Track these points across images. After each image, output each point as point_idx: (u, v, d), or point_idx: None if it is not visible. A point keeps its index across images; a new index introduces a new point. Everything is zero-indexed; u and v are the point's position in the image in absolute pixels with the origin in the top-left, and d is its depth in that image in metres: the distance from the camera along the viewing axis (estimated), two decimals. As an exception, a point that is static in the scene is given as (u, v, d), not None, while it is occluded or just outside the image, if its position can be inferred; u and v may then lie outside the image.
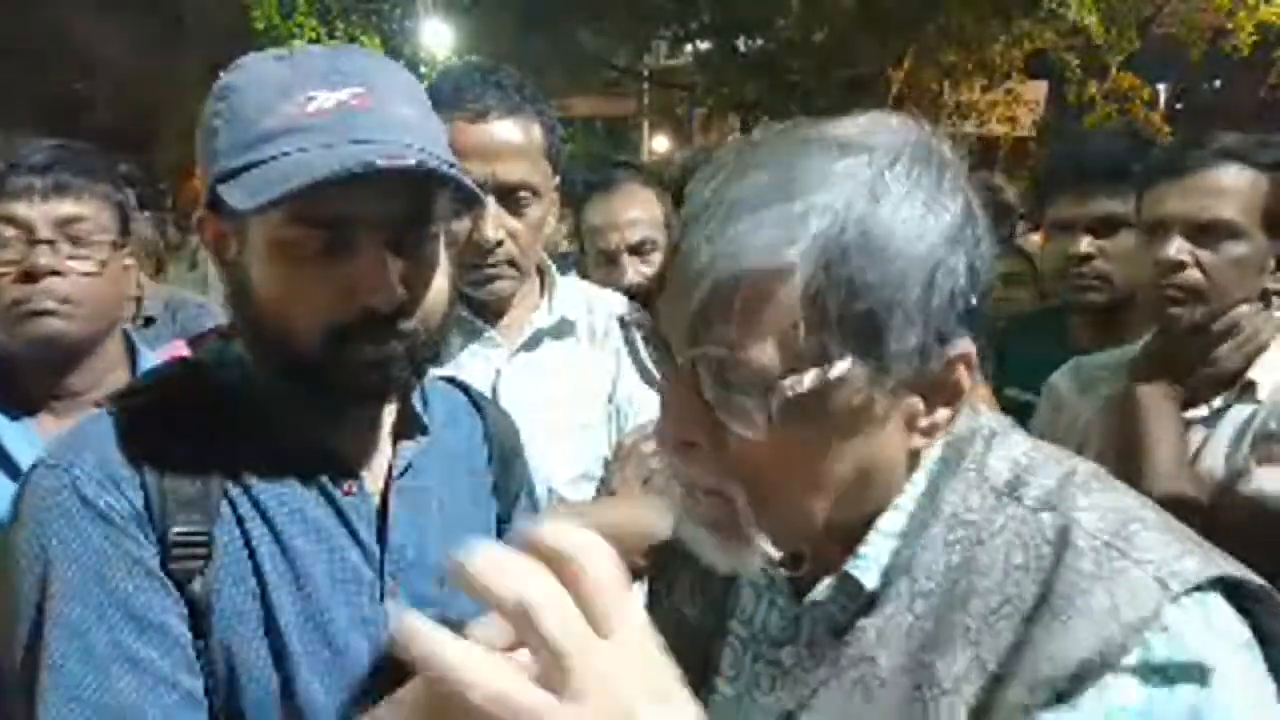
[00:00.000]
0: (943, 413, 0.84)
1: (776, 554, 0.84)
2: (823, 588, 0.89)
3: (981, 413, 0.93)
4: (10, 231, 1.59)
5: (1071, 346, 2.30)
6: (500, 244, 1.66)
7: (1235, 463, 1.73)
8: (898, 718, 0.82)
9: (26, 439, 1.59)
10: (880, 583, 0.86)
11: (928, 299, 0.79)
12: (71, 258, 1.61)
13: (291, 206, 0.96)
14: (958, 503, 0.86)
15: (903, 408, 0.83)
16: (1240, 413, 1.76)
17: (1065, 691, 0.75)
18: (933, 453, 0.89)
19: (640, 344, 1.01)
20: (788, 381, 0.78)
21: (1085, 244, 2.24)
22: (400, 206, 1.02)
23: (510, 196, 1.65)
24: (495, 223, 1.64)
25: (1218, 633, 0.76)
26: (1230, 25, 12.09)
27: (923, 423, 0.84)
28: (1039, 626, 0.77)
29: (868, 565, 0.87)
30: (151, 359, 1.77)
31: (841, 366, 0.78)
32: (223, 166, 1.02)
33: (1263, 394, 1.75)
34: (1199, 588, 0.76)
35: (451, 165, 1.04)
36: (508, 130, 1.65)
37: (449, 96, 1.60)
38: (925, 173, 0.80)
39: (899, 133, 0.82)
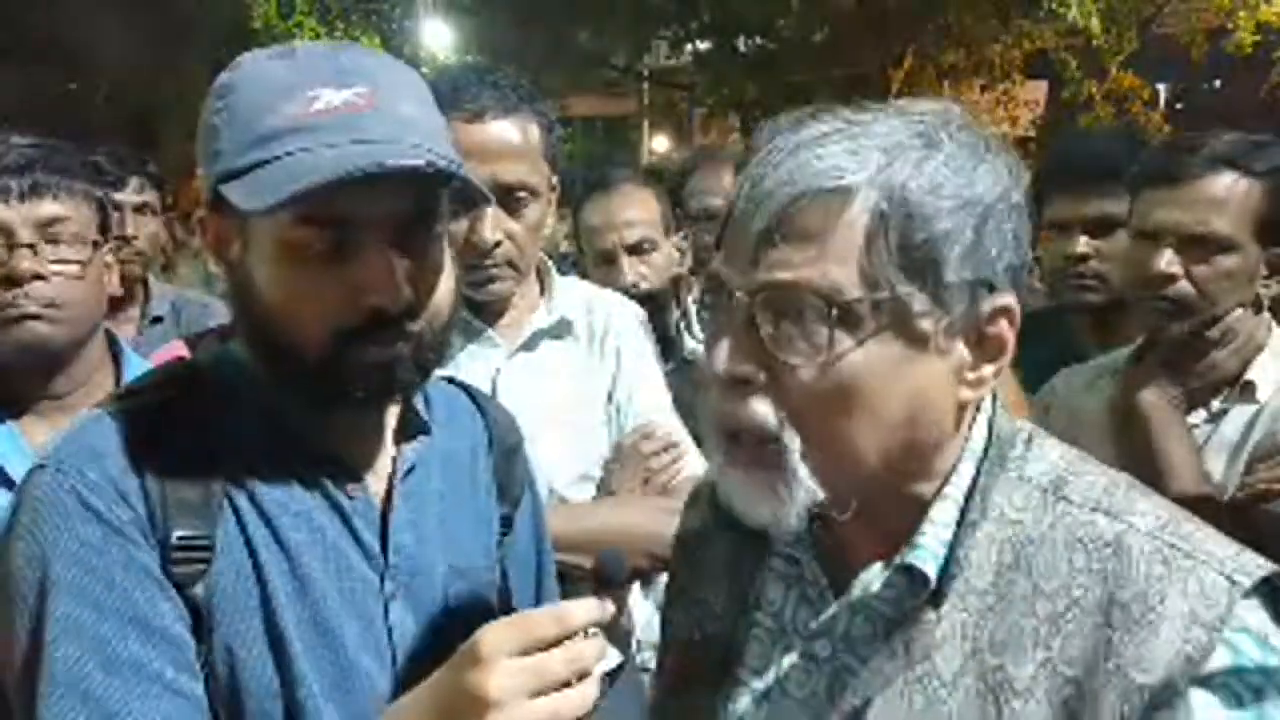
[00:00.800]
0: (988, 368, 0.87)
1: (822, 495, 0.84)
2: (873, 578, 0.88)
3: (1018, 419, 0.95)
4: None
5: (1074, 346, 2.30)
6: (498, 245, 1.65)
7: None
8: (969, 718, 0.83)
9: (11, 443, 1.57)
10: (938, 578, 0.87)
11: (978, 241, 0.83)
12: (54, 260, 1.58)
13: (297, 207, 0.96)
14: (1004, 502, 0.88)
15: (953, 354, 0.85)
16: (1242, 414, 1.76)
17: (1158, 700, 0.77)
18: (976, 443, 0.90)
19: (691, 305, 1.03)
20: (851, 305, 0.81)
21: (1082, 244, 2.24)
22: (406, 207, 1.02)
23: (508, 197, 1.65)
24: (493, 224, 1.63)
25: (1275, 629, 0.80)
26: (1230, 25, 12.07)
27: (970, 375, 0.86)
28: (1118, 630, 0.80)
29: (925, 555, 0.87)
30: (136, 358, 1.75)
31: (903, 291, 0.81)
32: (226, 166, 1.01)
33: (1262, 394, 1.75)
34: (1264, 579, 0.80)
35: (458, 164, 1.03)
36: (505, 131, 1.65)
37: (447, 97, 1.58)
38: (972, 135, 0.86)
39: (944, 105, 0.89)
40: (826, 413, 0.83)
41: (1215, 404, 1.79)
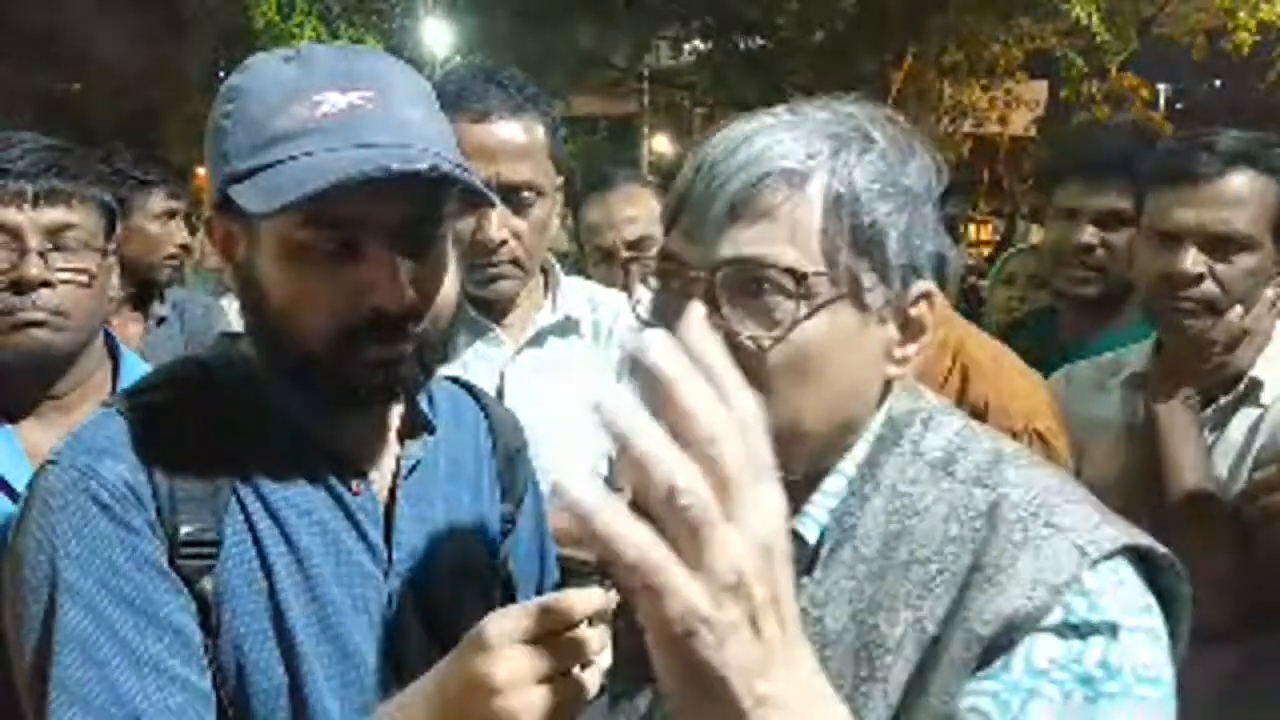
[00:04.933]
0: (911, 347, 0.94)
1: (777, 462, 0.85)
2: None
3: (924, 395, 1.00)
4: None
5: (1061, 339, 2.29)
6: (504, 243, 1.66)
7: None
8: (846, 674, 0.88)
9: (9, 446, 1.57)
10: (823, 543, 0.93)
11: (910, 229, 0.91)
12: (61, 268, 1.57)
13: (303, 210, 0.97)
14: (896, 476, 0.94)
15: (887, 332, 0.92)
16: (1247, 417, 1.76)
17: (996, 646, 0.82)
18: (875, 422, 0.96)
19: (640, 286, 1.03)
20: (810, 277, 0.86)
21: (1089, 234, 2.23)
22: (410, 209, 1.03)
23: (514, 196, 1.66)
24: (499, 222, 1.64)
25: (1125, 595, 0.84)
26: (1230, 25, 12.07)
27: (897, 353, 0.94)
28: (972, 590, 0.85)
29: (808, 523, 0.94)
30: (134, 359, 1.75)
31: (856, 266, 0.88)
32: (234, 168, 1.02)
33: (1268, 393, 1.75)
34: (1112, 555, 0.85)
35: (462, 168, 1.04)
36: (511, 131, 1.66)
37: (452, 98, 1.60)
38: (899, 132, 0.94)
39: (867, 103, 0.96)
40: (784, 384, 0.87)
41: (1221, 400, 1.78)
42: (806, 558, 0.93)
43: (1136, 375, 1.89)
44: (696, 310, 0.79)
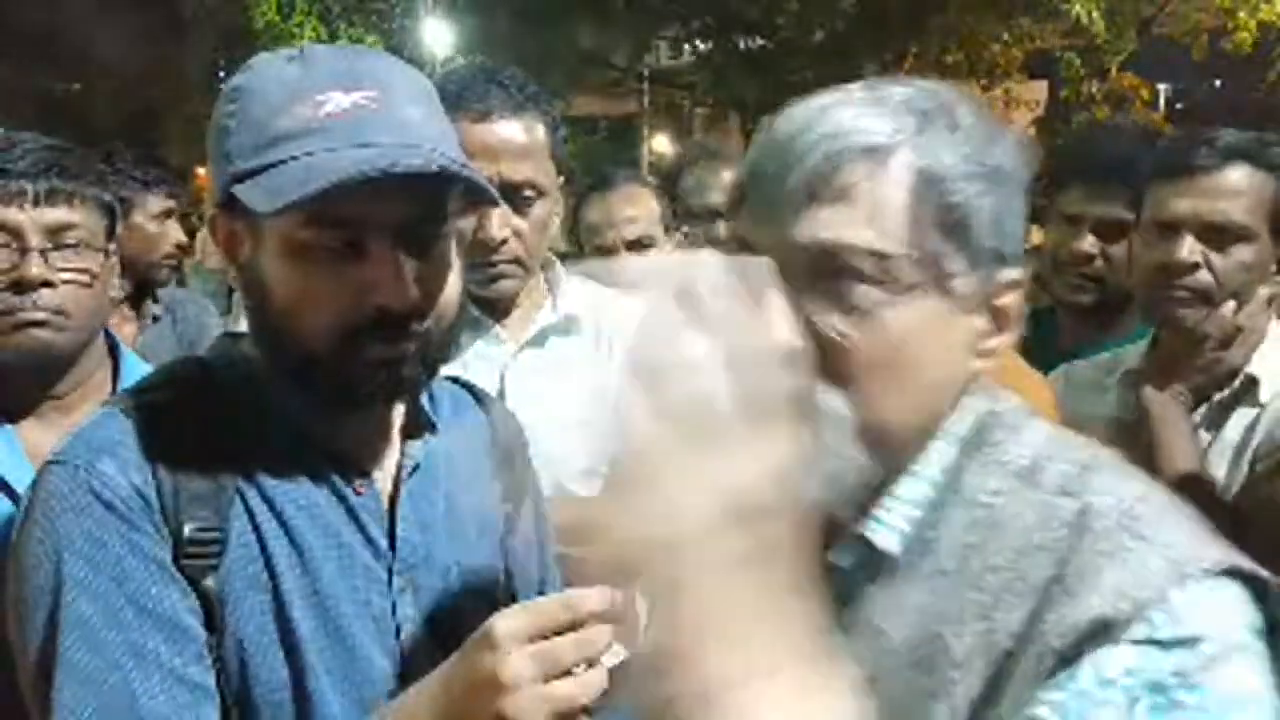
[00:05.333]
0: (998, 339, 0.87)
1: (851, 460, 0.82)
2: (845, 552, 0.87)
3: (1002, 395, 0.93)
4: (0, 237, 1.56)
5: (1059, 344, 2.29)
6: (505, 242, 1.66)
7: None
8: (905, 688, 0.82)
9: (9, 447, 1.57)
10: (902, 554, 0.85)
11: (998, 211, 0.83)
12: (63, 267, 1.57)
13: (308, 209, 0.97)
14: (977, 485, 0.86)
15: (971, 325, 0.85)
16: (1244, 417, 1.76)
17: (1068, 657, 0.75)
18: (959, 424, 0.89)
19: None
20: (895, 262, 0.80)
21: (1089, 243, 2.22)
22: (414, 208, 1.03)
23: (515, 195, 1.66)
24: (501, 221, 1.64)
25: (1223, 616, 0.76)
26: (1230, 25, 12.07)
27: (982, 345, 0.87)
28: (1050, 601, 0.78)
29: (888, 530, 0.86)
30: (134, 359, 1.75)
31: (943, 249, 0.81)
32: (237, 167, 1.02)
33: (1265, 390, 1.74)
34: (1211, 574, 0.76)
35: (466, 167, 1.05)
36: (512, 130, 1.66)
37: (453, 97, 1.60)
38: (981, 109, 0.87)
39: (944, 86, 0.89)
40: (869, 378, 0.81)
41: (1217, 397, 1.79)
42: (875, 566, 0.87)
43: (1132, 373, 1.89)
44: (775, 299, 0.75)
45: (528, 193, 1.68)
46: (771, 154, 0.83)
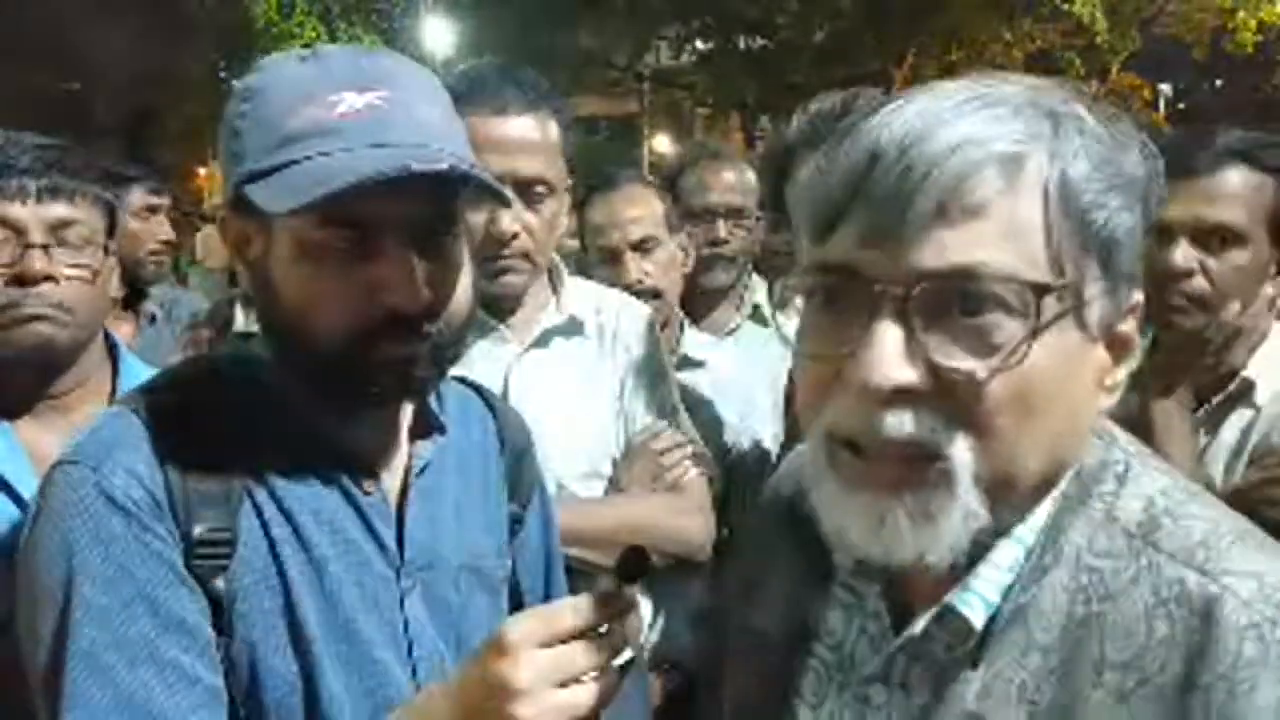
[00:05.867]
0: (1121, 371, 0.78)
1: (986, 517, 0.72)
2: (920, 622, 0.78)
3: (1119, 440, 0.82)
4: (1, 233, 1.56)
5: None
6: (515, 237, 1.67)
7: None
8: None
9: (7, 444, 1.57)
10: (989, 625, 0.77)
11: (1137, 225, 0.74)
12: (65, 263, 1.58)
13: (320, 208, 0.97)
14: (1082, 545, 0.76)
15: (1100, 357, 0.75)
16: (1240, 418, 1.75)
17: None
18: (1060, 484, 0.78)
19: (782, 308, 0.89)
20: (1037, 291, 0.69)
21: None
22: (426, 208, 1.03)
23: (527, 191, 1.67)
24: (512, 216, 1.65)
25: None
26: (1232, 25, 12.07)
27: (1108, 380, 0.77)
28: (1194, 713, 0.68)
29: (973, 600, 0.77)
30: (133, 360, 1.75)
31: (1086, 274, 0.71)
32: (249, 167, 1.02)
33: (1260, 393, 1.74)
34: None
35: (477, 166, 1.05)
36: (525, 126, 1.67)
37: (468, 93, 1.61)
38: (1103, 110, 0.76)
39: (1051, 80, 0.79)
40: (1004, 422, 0.70)
41: (1214, 400, 1.78)
42: (972, 645, 0.77)
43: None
44: (890, 335, 0.68)
45: (539, 189, 1.69)
46: (883, 165, 0.71)
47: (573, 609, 0.88)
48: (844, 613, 0.88)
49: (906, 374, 0.70)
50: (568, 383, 1.76)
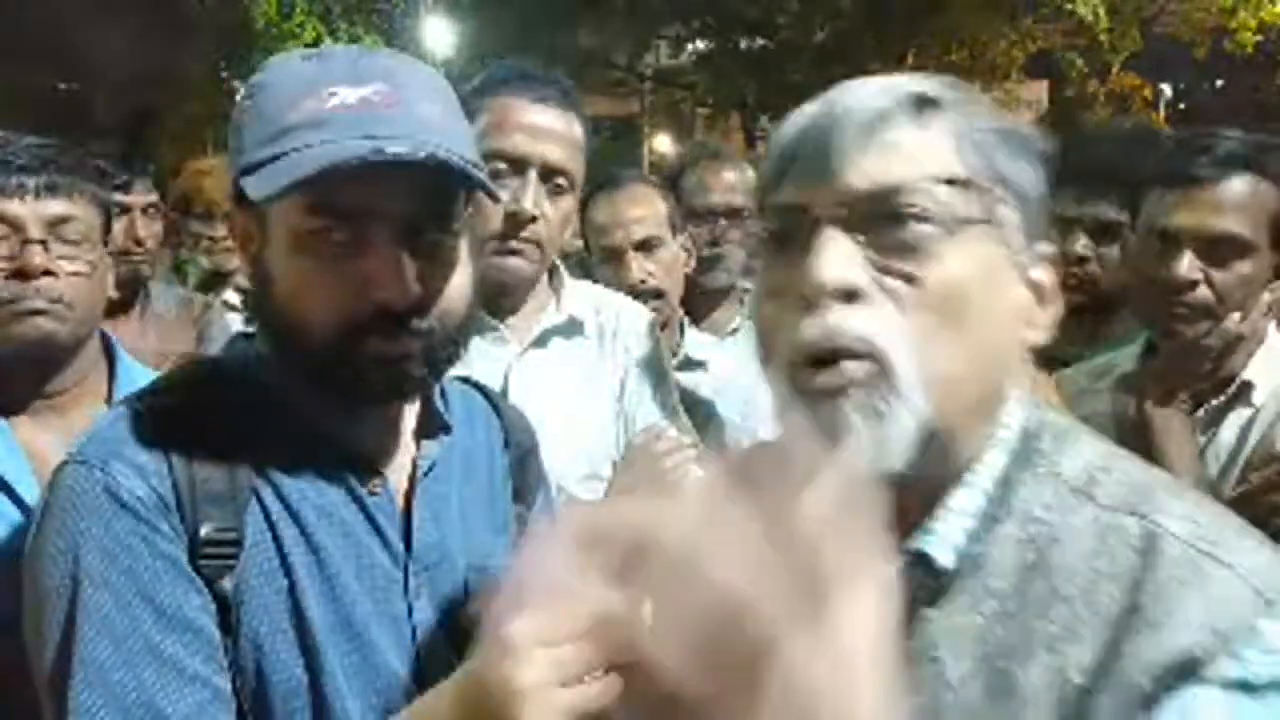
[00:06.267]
0: (1044, 313, 0.87)
1: (929, 413, 0.79)
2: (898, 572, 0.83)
3: (1048, 409, 0.91)
4: (0, 229, 1.57)
5: (1050, 348, 2.28)
6: (534, 220, 1.68)
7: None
8: None
9: (4, 443, 1.57)
10: (952, 570, 0.83)
11: (1034, 181, 0.85)
12: (63, 258, 1.59)
13: (308, 198, 0.98)
14: (1030, 499, 0.83)
15: (1022, 290, 0.85)
16: (1239, 418, 1.75)
17: (1150, 695, 0.73)
18: (1009, 431, 0.86)
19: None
20: (951, 202, 0.79)
21: (1081, 245, 2.22)
22: (417, 203, 1.03)
23: (551, 180, 1.70)
24: (535, 198, 1.67)
25: None
26: (1232, 25, 12.08)
27: (1029, 317, 0.86)
28: (1129, 635, 0.75)
29: (940, 543, 0.83)
30: (130, 361, 1.75)
31: (1002, 202, 0.82)
32: (246, 160, 1.03)
33: (1259, 395, 1.74)
34: None
35: (473, 164, 1.05)
36: (560, 119, 1.72)
37: (512, 78, 1.71)
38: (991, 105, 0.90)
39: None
40: (936, 324, 0.79)
41: (1213, 402, 1.78)
42: (932, 586, 0.83)
43: (1125, 376, 1.89)
44: (833, 243, 0.78)
45: (561, 180, 1.71)
46: (817, 119, 0.84)
47: (574, 608, 0.88)
48: None
49: (852, 273, 0.79)
50: (567, 383, 1.76)
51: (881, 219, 0.80)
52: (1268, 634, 0.73)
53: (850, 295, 0.79)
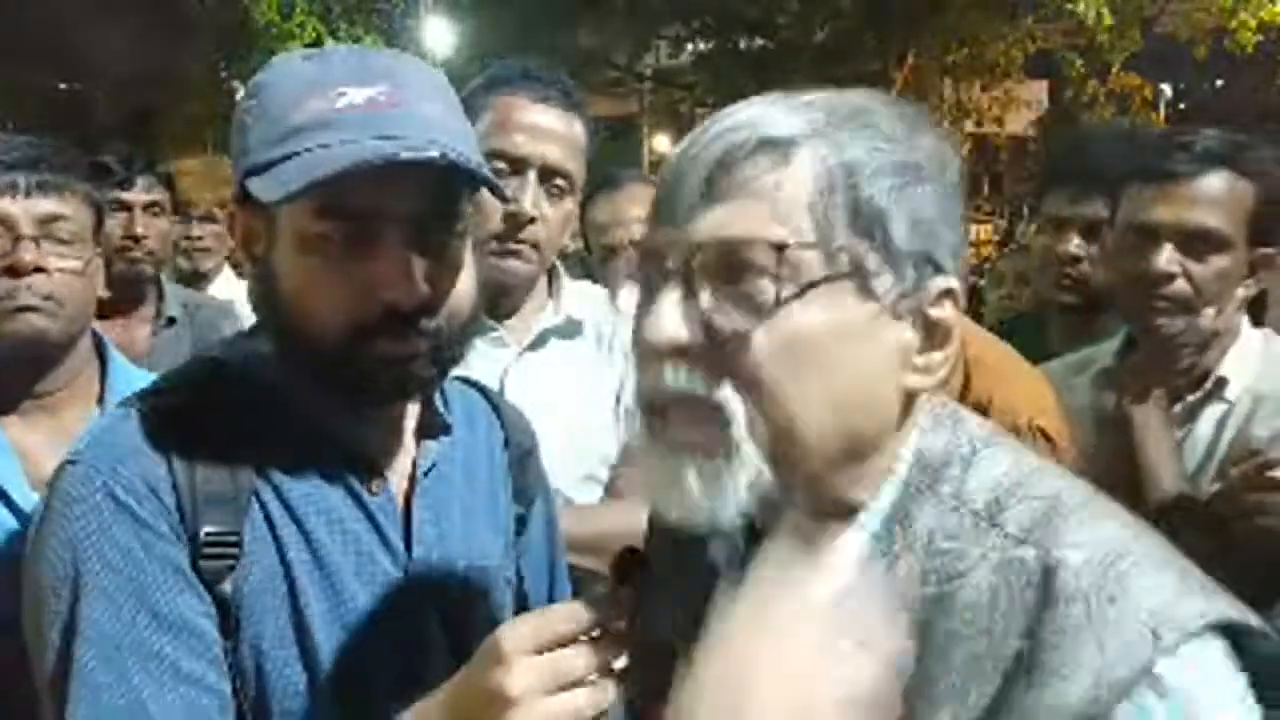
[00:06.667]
0: (937, 355, 0.81)
1: (767, 471, 0.77)
2: None
3: (966, 424, 0.88)
4: None
5: (1048, 347, 2.29)
6: (533, 221, 1.68)
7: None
8: None
9: None
10: None
11: (922, 211, 0.79)
12: (54, 256, 1.59)
13: (317, 200, 0.98)
14: (934, 528, 0.81)
15: (901, 331, 0.79)
16: (1214, 412, 1.76)
17: None
18: (901, 464, 0.83)
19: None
20: (799, 250, 0.75)
21: (1074, 245, 2.23)
22: (425, 204, 1.03)
23: (550, 180, 1.70)
24: (534, 199, 1.67)
25: (1214, 688, 0.73)
26: (1233, 25, 12.08)
27: (919, 360, 0.81)
28: (1020, 681, 0.73)
29: None
30: (122, 361, 1.75)
31: (856, 246, 0.76)
32: (253, 161, 1.03)
33: (1232, 390, 1.75)
34: (1193, 636, 0.72)
35: (478, 163, 1.05)
36: (562, 120, 1.72)
37: (516, 76, 1.71)
38: (905, 110, 0.83)
39: (870, 92, 0.85)
40: (774, 378, 0.76)
41: (1189, 398, 1.79)
42: None
43: (1104, 371, 1.90)
44: (668, 299, 0.76)
45: (560, 181, 1.71)
46: (676, 159, 0.81)
47: (566, 614, 0.87)
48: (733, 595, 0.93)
49: (680, 331, 0.77)
50: (565, 385, 1.76)
51: (720, 272, 0.77)
52: (1165, 676, 0.71)
53: (683, 351, 0.77)
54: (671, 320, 0.77)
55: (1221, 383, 1.76)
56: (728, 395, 0.76)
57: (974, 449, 0.85)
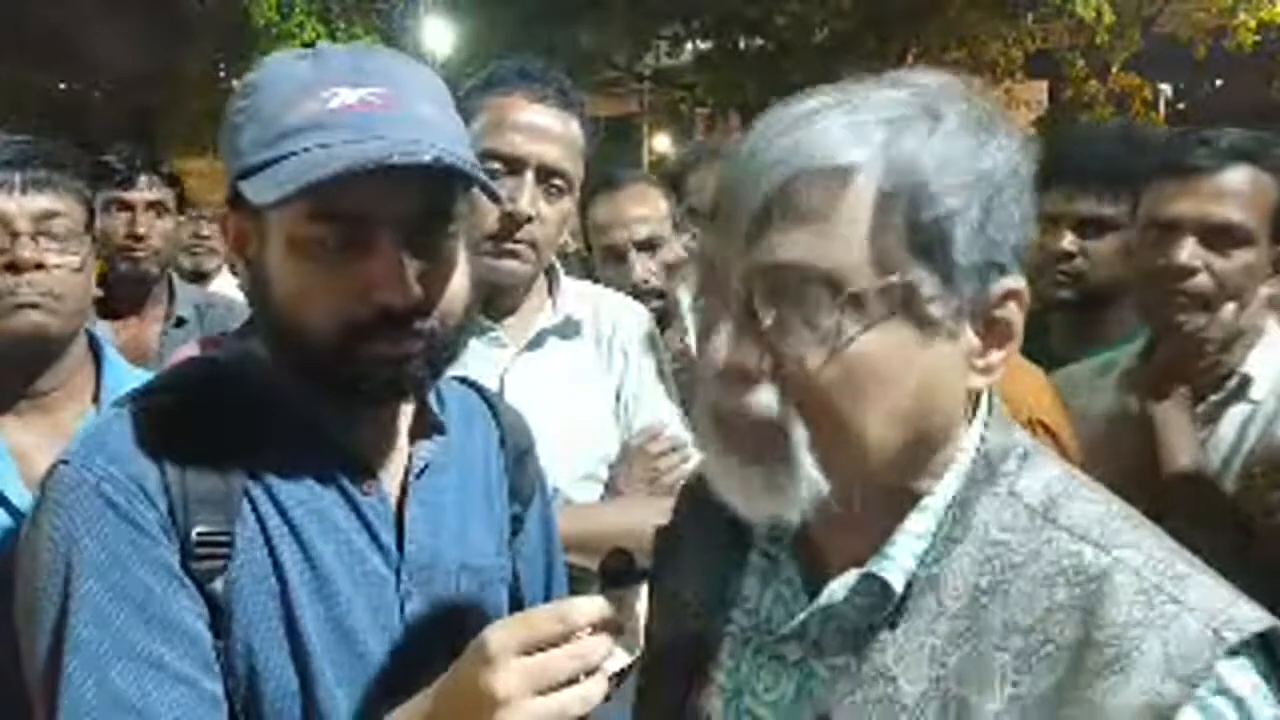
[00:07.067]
0: (996, 354, 0.83)
1: (826, 487, 0.80)
2: (840, 587, 0.85)
3: (1016, 429, 0.90)
4: None
5: (1049, 347, 2.29)
6: (530, 220, 1.68)
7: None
8: None
9: None
10: (905, 591, 0.83)
11: (987, 221, 0.79)
12: (50, 252, 1.60)
13: (310, 202, 0.97)
14: (989, 520, 0.83)
15: (963, 339, 0.81)
16: (1238, 413, 1.75)
17: None
18: (965, 454, 0.86)
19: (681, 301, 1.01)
20: (856, 287, 0.76)
21: (1068, 241, 2.22)
22: (418, 204, 1.03)
23: (548, 180, 1.69)
24: (532, 197, 1.67)
25: (1262, 693, 0.74)
26: (1233, 25, 12.08)
27: (979, 361, 0.83)
28: (1085, 675, 0.74)
29: (893, 566, 0.83)
30: (116, 360, 1.75)
31: (913, 274, 0.77)
32: (245, 163, 1.02)
33: (1258, 389, 1.74)
34: (1253, 642, 0.74)
35: (472, 164, 1.04)
36: (559, 119, 1.71)
37: (513, 77, 1.71)
38: (975, 107, 0.82)
39: (943, 77, 0.85)
40: (834, 402, 0.78)
41: (1213, 397, 1.78)
42: (890, 609, 0.83)
43: (1127, 372, 1.89)
44: (731, 323, 0.78)
45: (558, 181, 1.70)
46: (735, 169, 0.81)
47: (554, 615, 0.87)
48: (759, 578, 0.95)
49: (742, 355, 0.79)
50: (563, 384, 1.76)
51: (785, 295, 0.78)
52: (1226, 676, 0.73)
53: (743, 372, 0.79)
54: (734, 342, 0.79)
55: (1246, 382, 1.75)
56: (789, 414, 0.79)
57: (1026, 450, 0.88)
